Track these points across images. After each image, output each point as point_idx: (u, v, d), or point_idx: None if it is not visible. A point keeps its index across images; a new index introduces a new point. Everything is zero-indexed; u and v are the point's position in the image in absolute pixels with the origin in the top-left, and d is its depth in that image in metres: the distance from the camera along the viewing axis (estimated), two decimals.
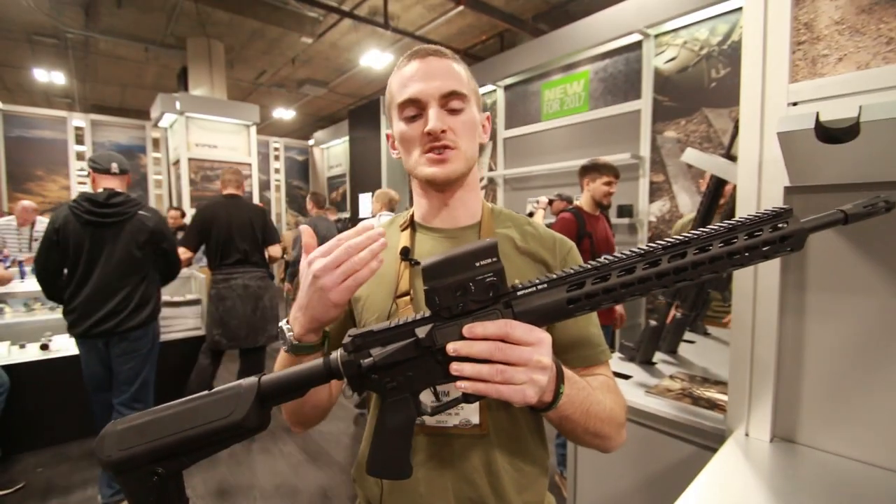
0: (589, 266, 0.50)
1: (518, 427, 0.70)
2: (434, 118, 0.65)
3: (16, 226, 4.26)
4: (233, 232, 2.85)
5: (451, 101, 0.67)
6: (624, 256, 0.49)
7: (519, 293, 0.50)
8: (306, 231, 0.60)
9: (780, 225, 0.45)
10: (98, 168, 2.17)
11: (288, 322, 0.60)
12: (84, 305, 2.12)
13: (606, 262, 0.49)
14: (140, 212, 2.21)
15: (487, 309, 0.50)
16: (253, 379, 0.51)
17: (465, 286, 0.49)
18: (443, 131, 0.65)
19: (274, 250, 3.04)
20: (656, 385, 1.41)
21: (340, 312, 0.57)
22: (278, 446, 2.87)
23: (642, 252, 0.48)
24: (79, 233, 2.09)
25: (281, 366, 0.62)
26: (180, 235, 3.15)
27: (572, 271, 0.50)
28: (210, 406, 0.49)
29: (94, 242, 2.12)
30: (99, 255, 2.13)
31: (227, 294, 2.85)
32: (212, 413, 0.49)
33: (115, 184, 2.19)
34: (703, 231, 0.47)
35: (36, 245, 4.29)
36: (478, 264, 0.49)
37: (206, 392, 0.50)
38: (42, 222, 4.45)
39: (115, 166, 2.19)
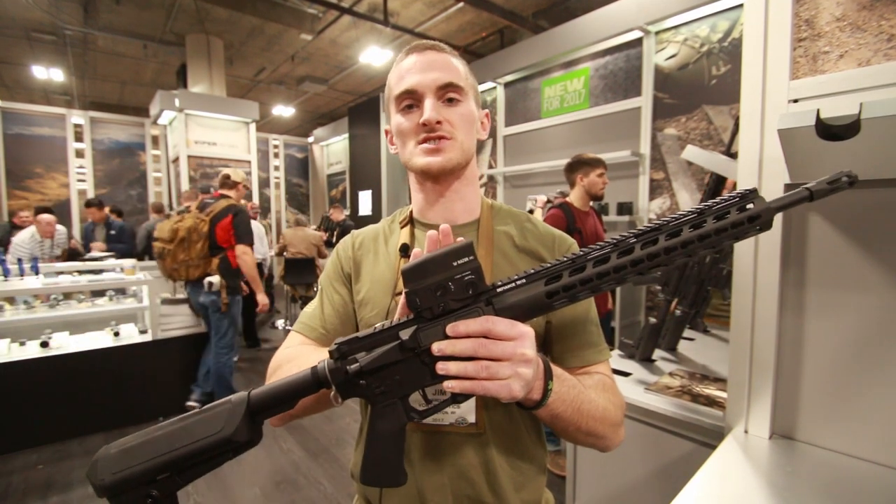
0: (565, 259, 0.51)
1: (515, 425, 0.69)
2: (430, 108, 0.65)
3: (40, 238, 4.50)
4: None
5: (448, 92, 0.67)
6: (598, 247, 0.50)
7: (499, 290, 0.51)
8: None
9: (747, 206, 0.47)
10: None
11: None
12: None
13: (582, 253, 0.50)
14: None
15: (469, 307, 0.50)
16: (243, 393, 0.51)
17: (444, 286, 0.49)
18: (438, 122, 0.65)
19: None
20: (656, 382, 1.41)
21: None
22: (279, 443, 2.88)
23: (615, 242, 0.49)
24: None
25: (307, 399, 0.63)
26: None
27: (549, 265, 0.51)
28: (201, 423, 0.49)
29: None
30: None
31: None
32: (203, 430, 0.48)
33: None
34: (672, 217, 0.49)
35: (56, 251, 4.75)
36: (455, 264, 0.49)
37: (197, 409, 0.50)
38: (60, 231, 4.76)
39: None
